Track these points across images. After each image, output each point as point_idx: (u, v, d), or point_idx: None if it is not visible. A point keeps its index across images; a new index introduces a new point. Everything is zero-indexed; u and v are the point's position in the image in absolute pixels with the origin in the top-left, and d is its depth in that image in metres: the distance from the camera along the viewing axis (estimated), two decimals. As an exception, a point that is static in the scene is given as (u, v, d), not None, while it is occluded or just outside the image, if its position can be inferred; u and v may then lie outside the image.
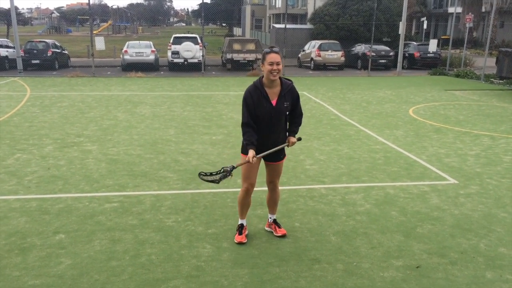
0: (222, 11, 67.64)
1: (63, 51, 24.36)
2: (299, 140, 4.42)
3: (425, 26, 31.94)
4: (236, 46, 23.31)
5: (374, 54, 23.85)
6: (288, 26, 27.17)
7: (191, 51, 22.25)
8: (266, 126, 4.19)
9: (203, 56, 21.90)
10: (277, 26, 33.45)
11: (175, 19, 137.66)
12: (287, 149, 4.45)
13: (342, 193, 5.89)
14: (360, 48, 25.86)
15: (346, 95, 14.73)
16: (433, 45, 24.02)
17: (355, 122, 10.44)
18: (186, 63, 22.40)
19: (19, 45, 20.48)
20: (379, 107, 12.53)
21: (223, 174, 4.11)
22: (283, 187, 5.99)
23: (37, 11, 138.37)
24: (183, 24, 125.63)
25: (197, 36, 23.79)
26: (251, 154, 4.04)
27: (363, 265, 4.09)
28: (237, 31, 62.49)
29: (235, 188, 4.08)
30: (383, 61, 24.91)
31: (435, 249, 4.38)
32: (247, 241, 4.49)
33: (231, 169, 4.12)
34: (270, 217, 4.75)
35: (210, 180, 4.12)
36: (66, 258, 4.14)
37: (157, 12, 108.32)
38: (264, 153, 4.20)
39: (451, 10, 37.52)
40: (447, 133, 9.39)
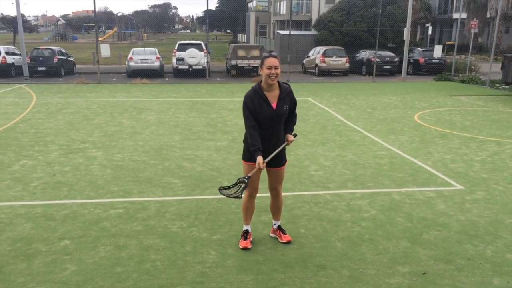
0: (227, 18, 67.97)
1: (69, 58, 24.51)
2: (295, 137, 4.50)
3: (429, 32, 31.93)
4: (241, 53, 23.38)
5: (379, 60, 23.83)
6: (293, 32, 27.22)
7: (195, 57, 22.34)
8: (266, 130, 4.20)
9: (207, 62, 21.97)
10: (281, 32, 33.52)
11: (180, 26, 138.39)
12: (292, 154, 4.44)
13: (347, 199, 5.87)
14: (364, 54, 25.87)
15: (351, 101, 14.72)
16: (438, 51, 23.98)
17: (360, 128, 10.42)
18: (190, 69, 22.49)
19: (25, 52, 20.66)
20: (384, 113, 12.51)
21: (243, 186, 4.07)
22: (288, 193, 5.98)
23: (43, 18, 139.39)
24: (188, 31, 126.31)
25: (201, 42, 23.90)
26: (260, 160, 4.06)
27: (368, 271, 4.06)
28: (241, 37, 62.68)
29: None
30: (387, 67, 24.88)
31: (441, 256, 4.35)
32: (252, 247, 4.47)
33: (248, 179, 4.10)
34: (274, 224, 4.74)
35: (233, 196, 4.07)
36: (71, 264, 4.14)
37: (162, 19, 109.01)
38: (269, 157, 4.19)
39: (456, 16, 37.48)
40: (453, 138, 9.35)
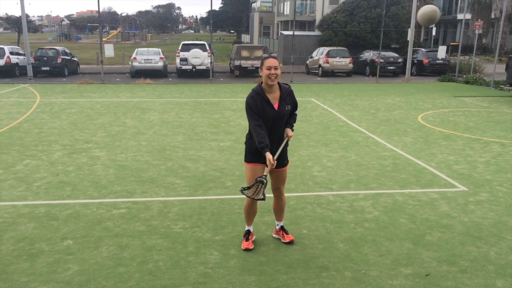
0: (231, 18, 68.03)
1: (73, 58, 24.59)
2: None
3: (434, 33, 31.82)
4: (244, 53, 23.39)
5: (383, 61, 23.79)
6: (296, 33, 27.22)
7: (199, 58, 22.36)
8: (269, 131, 4.18)
9: (211, 63, 22.00)
10: (285, 33, 33.52)
11: (183, 26, 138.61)
12: (295, 155, 4.43)
13: (350, 200, 5.86)
14: (368, 55, 25.82)
15: (354, 102, 14.70)
16: (442, 51, 23.92)
17: (363, 128, 10.40)
18: (194, 70, 22.51)
19: (29, 52, 20.73)
20: (387, 113, 12.48)
21: (262, 186, 4.01)
22: (291, 194, 5.98)
23: (48, 18, 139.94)
24: (192, 31, 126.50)
25: (205, 43, 23.91)
26: (269, 156, 4.02)
27: (371, 273, 4.05)
28: (245, 38, 62.73)
29: (242, 195, 4.06)
30: (391, 67, 24.84)
31: (444, 257, 4.34)
32: (254, 247, 4.47)
33: (265, 178, 4.04)
34: (277, 224, 4.73)
35: (258, 198, 4.03)
36: (73, 264, 4.15)
37: (166, 19, 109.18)
38: (276, 154, 4.17)
39: (460, 16, 37.31)
40: (457, 140, 9.32)
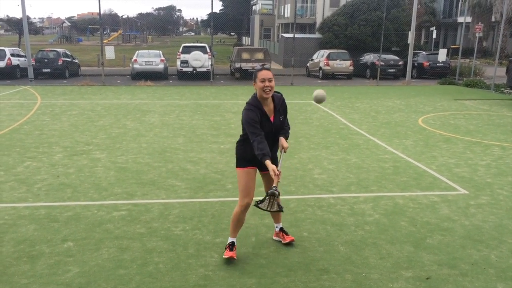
0: (231, 21, 68.16)
1: (74, 60, 24.63)
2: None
3: (434, 36, 31.82)
4: (245, 55, 23.42)
5: (383, 64, 23.82)
6: (297, 35, 27.23)
7: (200, 60, 22.39)
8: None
9: (211, 65, 22.04)
10: (285, 35, 33.58)
11: (184, 28, 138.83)
12: (295, 157, 4.43)
13: (351, 202, 5.86)
14: (368, 58, 25.86)
15: (355, 104, 14.71)
16: (442, 54, 23.96)
17: (364, 131, 10.40)
18: (195, 72, 22.54)
19: (30, 54, 20.76)
20: (388, 116, 12.49)
21: (276, 198, 3.86)
22: (291, 196, 5.98)
23: (49, 20, 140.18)
24: (192, 34, 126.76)
25: (206, 45, 23.96)
26: (273, 167, 3.83)
27: (372, 276, 4.04)
28: (246, 40, 62.80)
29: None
30: (392, 70, 24.87)
31: (445, 260, 4.33)
32: (254, 249, 4.46)
33: (276, 189, 3.86)
34: (276, 226, 4.71)
35: (275, 210, 3.89)
36: (74, 266, 4.14)
37: (167, 21, 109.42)
38: (278, 166, 4.02)
39: (460, 19, 37.41)
40: (457, 143, 9.32)
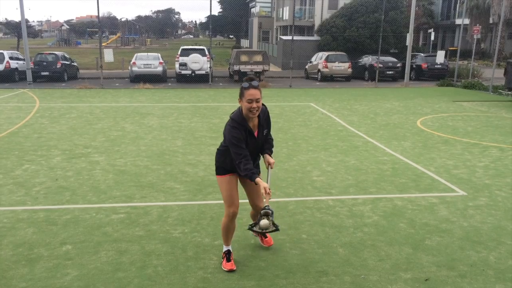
0: (230, 24, 68.27)
1: (72, 63, 24.62)
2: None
3: (432, 38, 31.94)
4: (244, 58, 23.43)
5: (382, 66, 23.85)
6: (295, 38, 27.26)
7: (198, 62, 22.40)
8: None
9: (210, 67, 22.04)
10: (284, 38, 33.60)
11: (183, 31, 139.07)
12: (294, 160, 4.42)
13: (350, 204, 5.86)
14: (367, 60, 25.89)
15: (353, 107, 14.72)
16: (440, 56, 24.00)
17: (363, 133, 10.41)
18: (193, 74, 22.54)
19: (29, 57, 20.79)
20: (386, 118, 12.50)
21: (271, 217, 3.77)
22: (290, 199, 5.98)
23: (47, 23, 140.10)
24: (191, 36, 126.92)
25: (204, 48, 23.97)
26: (265, 185, 3.67)
27: (371, 277, 4.04)
28: (244, 43, 62.82)
29: (241, 200, 4.04)
30: (390, 72, 24.88)
31: (444, 262, 4.33)
32: (253, 251, 4.46)
33: (269, 209, 3.77)
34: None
35: (271, 230, 3.76)
36: (72, 269, 4.14)
37: (165, 24, 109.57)
38: (268, 182, 3.85)
39: (458, 21, 37.49)
40: (456, 144, 9.33)
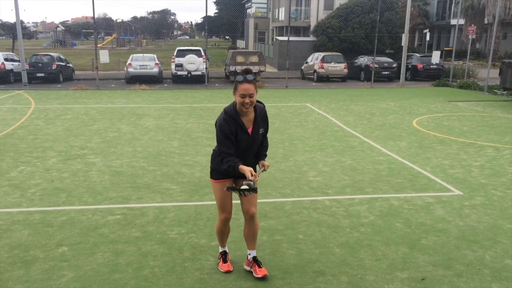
0: (226, 24, 68.25)
1: (68, 64, 24.56)
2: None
3: (427, 38, 32.02)
4: (240, 59, 23.45)
5: (377, 66, 23.91)
6: (291, 38, 27.31)
7: (194, 63, 22.40)
8: (242, 156, 3.78)
9: (206, 68, 22.04)
10: (280, 38, 33.63)
11: (178, 32, 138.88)
12: (290, 160, 4.42)
13: (346, 204, 5.87)
14: (363, 60, 25.96)
15: (349, 107, 14.74)
16: (436, 56, 24.08)
17: (359, 133, 10.42)
18: (189, 75, 22.54)
19: (24, 59, 20.72)
20: (382, 118, 12.53)
21: (252, 187, 3.57)
22: (286, 199, 5.98)
23: (42, 25, 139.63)
24: (187, 37, 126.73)
25: (200, 49, 24.00)
26: (249, 168, 3.59)
27: (367, 277, 4.05)
28: (240, 43, 62.79)
29: (238, 200, 4.03)
30: (386, 72, 24.96)
31: (440, 261, 4.34)
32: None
33: (254, 184, 3.57)
34: (249, 254, 4.12)
35: (248, 189, 3.55)
36: (69, 271, 4.12)
37: (161, 25, 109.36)
38: (257, 176, 3.67)
39: (453, 22, 37.58)
40: (451, 144, 9.36)
